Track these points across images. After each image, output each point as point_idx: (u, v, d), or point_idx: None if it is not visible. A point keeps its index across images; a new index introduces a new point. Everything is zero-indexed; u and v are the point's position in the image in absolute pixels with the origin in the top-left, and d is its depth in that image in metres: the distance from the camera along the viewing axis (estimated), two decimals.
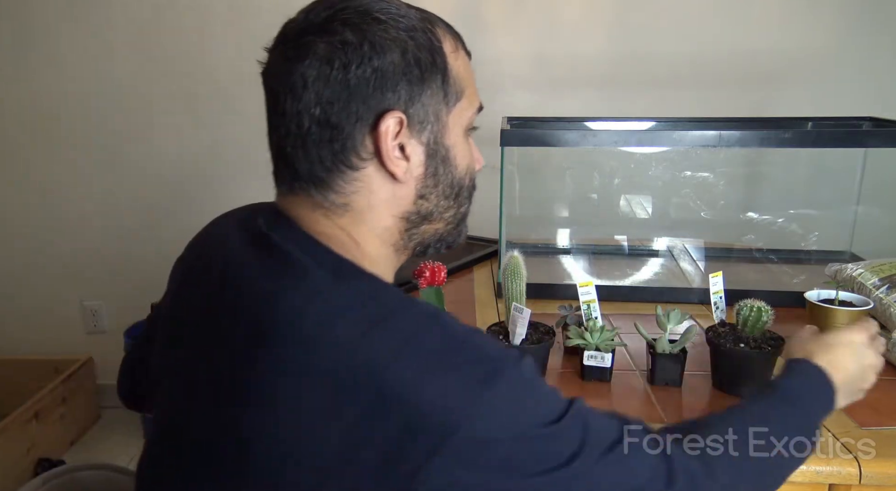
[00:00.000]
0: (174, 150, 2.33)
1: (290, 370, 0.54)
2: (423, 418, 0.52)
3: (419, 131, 0.64)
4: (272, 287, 0.58)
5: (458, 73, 0.66)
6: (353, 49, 0.59)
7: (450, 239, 0.73)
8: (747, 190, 1.92)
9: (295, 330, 0.55)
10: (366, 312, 0.56)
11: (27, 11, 2.21)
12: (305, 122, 0.61)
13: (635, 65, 2.18)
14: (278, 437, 0.54)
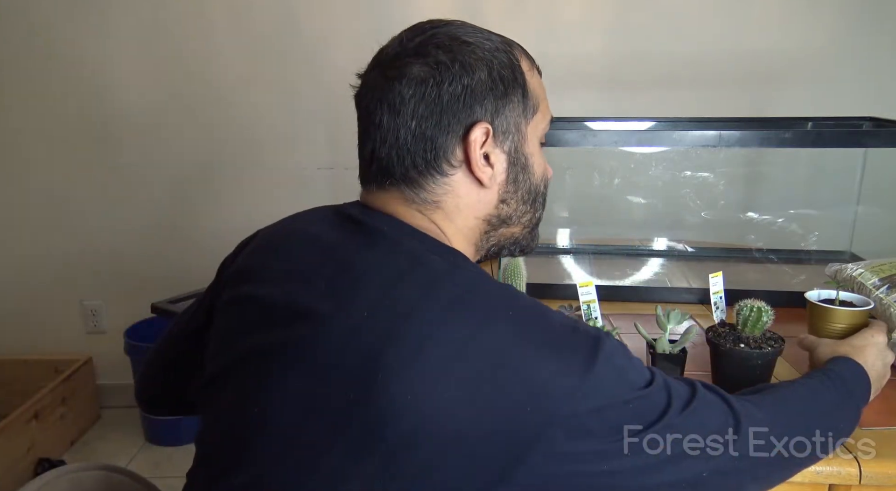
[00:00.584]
0: (174, 151, 2.33)
1: (419, 355, 0.59)
2: (539, 396, 0.58)
3: (502, 141, 0.72)
4: (389, 275, 0.64)
5: (534, 89, 0.74)
6: (446, 69, 0.68)
7: (524, 243, 0.80)
8: (747, 190, 1.92)
9: (421, 316, 0.60)
10: (481, 300, 0.63)
11: (28, 11, 2.21)
12: (402, 134, 0.69)
13: (635, 65, 2.18)
14: (416, 409, 0.58)
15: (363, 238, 0.69)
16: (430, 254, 0.66)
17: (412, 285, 0.63)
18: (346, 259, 0.67)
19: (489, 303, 0.63)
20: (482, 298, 0.63)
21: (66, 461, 2.21)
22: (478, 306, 0.62)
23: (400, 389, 0.58)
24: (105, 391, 2.53)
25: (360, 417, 0.59)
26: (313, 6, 2.11)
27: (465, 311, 0.61)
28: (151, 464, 2.22)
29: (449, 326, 0.60)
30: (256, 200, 2.33)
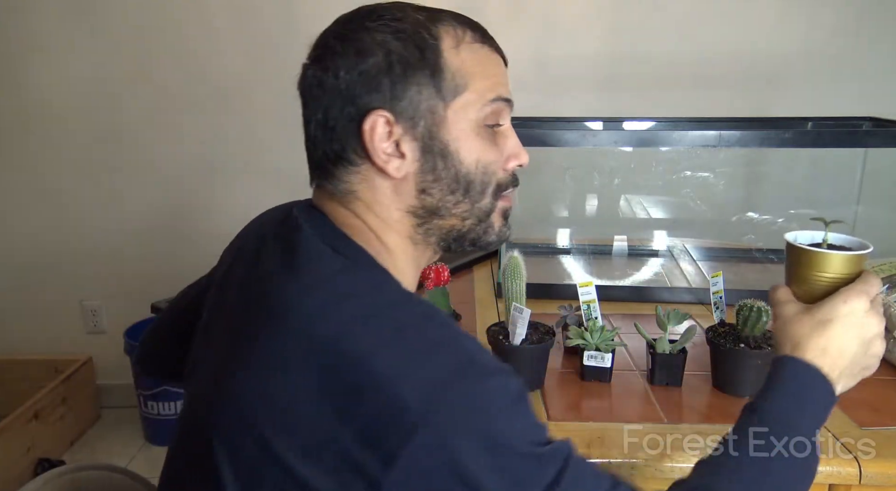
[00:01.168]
0: (175, 151, 2.33)
1: (286, 351, 0.57)
2: (399, 409, 0.53)
3: (412, 127, 0.65)
4: (284, 270, 0.63)
5: (460, 67, 0.66)
6: (341, 57, 0.65)
7: (472, 236, 0.72)
8: (747, 190, 1.92)
9: (295, 313, 0.59)
10: (365, 301, 0.60)
11: (28, 12, 2.21)
12: (312, 126, 0.67)
13: (635, 65, 2.18)
14: (269, 414, 0.56)
15: (286, 247, 0.67)
16: (318, 257, 0.64)
17: (296, 283, 0.62)
18: (263, 266, 0.68)
19: (368, 306, 0.59)
20: (364, 300, 0.60)
21: (66, 461, 2.21)
22: (353, 307, 0.59)
23: (254, 386, 0.58)
24: (105, 391, 2.53)
25: (219, 417, 0.61)
26: (313, 6, 2.11)
27: (339, 311, 0.59)
28: (151, 464, 2.22)
29: (318, 326, 0.58)
30: (256, 201, 2.31)
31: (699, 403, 0.97)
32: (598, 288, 1.08)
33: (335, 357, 0.55)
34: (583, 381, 1.03)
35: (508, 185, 0.72)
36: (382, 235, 0.68)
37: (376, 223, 0.68)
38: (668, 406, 0.96)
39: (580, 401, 0.98)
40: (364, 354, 0.55)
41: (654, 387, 1.01)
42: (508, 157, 0.71)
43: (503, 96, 0.69)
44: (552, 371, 1.05)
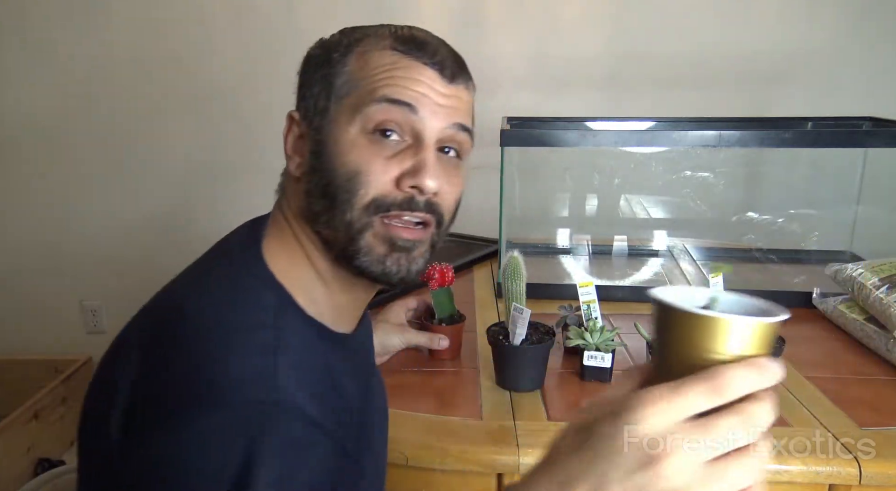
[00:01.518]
0: (175, 151, 2.33)
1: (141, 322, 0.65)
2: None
3: (308, 126, 0.66)
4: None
5: (359, 70, 0.63)
6: (307, 58, 0.68)
7: (348, 254, 0.63)
8: (747, 190, 1.92)
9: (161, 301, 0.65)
10: (214, 299, 0.60)
11: (28, 13, 2.21)
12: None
13: (635, 65, 2.18)
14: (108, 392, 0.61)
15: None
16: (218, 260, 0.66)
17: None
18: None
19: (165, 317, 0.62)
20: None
21: (66, 461, 2.21)
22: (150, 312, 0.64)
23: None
24: None
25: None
26: (313, 6, 2.11)
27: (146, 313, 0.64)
28: None
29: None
30: (256, 201, 2.31)
31: None
32: (598, 288, 1.08)
33: (165, 346, 0.59)
34: (583, 381, 1.03)
35: (397, 206, 0.62)
36: (301, 243, 0.66)
37: (292, 230, 0.67)
38: None
39: (580, 401, 0.98)
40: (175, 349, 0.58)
41: None
42: (403, 173, 0.62)
43: (391, 97, 0.61)
44: (552, 371, 1.05)
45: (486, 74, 2.43)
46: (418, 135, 0.63)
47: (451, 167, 0.66)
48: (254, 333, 0.57)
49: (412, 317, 1.15)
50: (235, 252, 0.66)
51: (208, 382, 0.53)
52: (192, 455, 0.50)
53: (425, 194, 0.62)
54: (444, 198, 0.65)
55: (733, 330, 0.44)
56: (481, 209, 1.40)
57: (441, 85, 0.63)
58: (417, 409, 0.95)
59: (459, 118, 0.65)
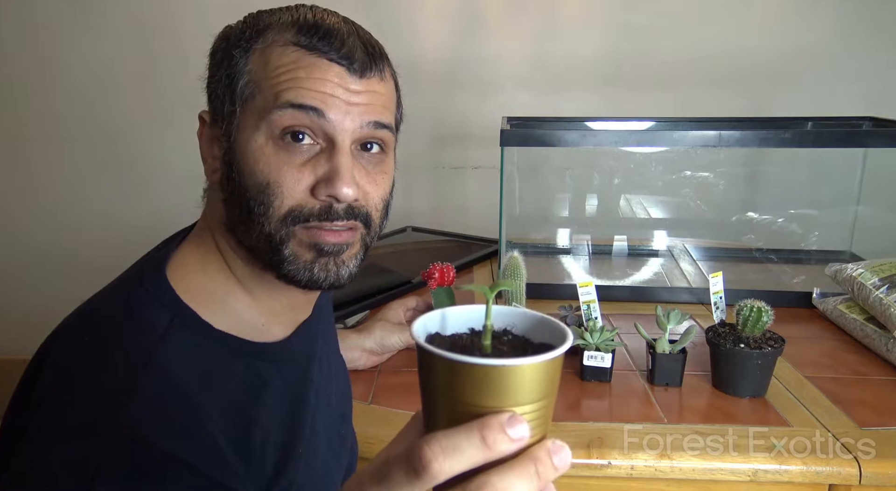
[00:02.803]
0: (176, 151, 2.33)
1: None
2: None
3: (219, 130, 0.63)
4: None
5: (263, 67, 0.59)
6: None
7: (271, 264, 0.60)
8: (747, 190, 1.92)
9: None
10: (76, 345, 0.58)
11: (27, 11, 2.21)
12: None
13: (635, 65, 2.18)
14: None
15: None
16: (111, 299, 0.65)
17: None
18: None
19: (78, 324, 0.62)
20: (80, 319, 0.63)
21: None
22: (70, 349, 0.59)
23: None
24: None
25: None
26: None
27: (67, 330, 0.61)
28: None
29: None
30: None
31: (699, 403, 0.97)
32: (598, 288, 1.08)
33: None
34: (583, 381, 1.03)
35: (315, 217, 0.58)
36: (224, 258, 0.64)
37: (214, 244, 0.65)
38: (668, 406, 0.96)
39: (580, 401, 0.98)
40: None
41: (654, 387, 1.01)
42: (318, 181, 0.58)
43: (295, 102, 0.57)
44: None
45: (486, 74, 2.44)
46: (330, 138, 0.58)
47: (374, 164, 0.62)
48: (118, 361, 0.54)
49: (412, 317, 1.15)
50: (144, 265, 0.64)
51: (60, 408, 0.52)
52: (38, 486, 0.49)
53: (343, 202, 0.58)
54: (369, 199, 0.61)
55: (479, 376, 0.35)
56: (481, 209, 1.41)
57: (351, 81, 0.58)
58: (417, 409, 0.95)
59: (375, 115, 0.60)
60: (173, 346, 0.55)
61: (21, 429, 0.51)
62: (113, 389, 0.51)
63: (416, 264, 1.52)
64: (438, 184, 2.26)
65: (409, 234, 1.86)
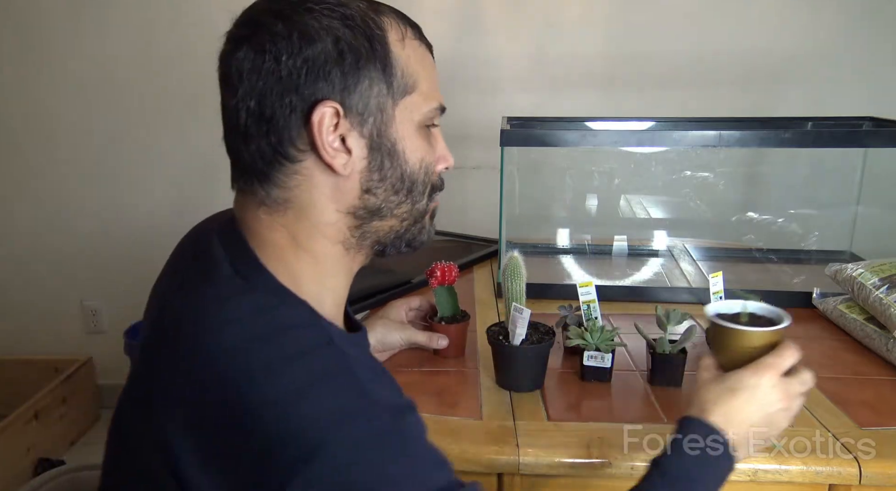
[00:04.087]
0: (175, 151, 2.33)
1: (178, 381, 0.56)
2: (284, 439, 0.51)
3: (360, 123, 0.62)
4: (184, 292, 0.62)
5: (407, 64, 0.64)
6: (283, 39, 0.59)
7: (409, 237, 0.70)
8: (747, 190, 1.92)
9: (185, 336, 0.57)
10: (254, 325, 0.57)
11: (27, 11, 2.21)
12: (242, 115, 0.60)
13: (635, 65, 2.18)
14: (153, 439, 0.56)
15: (197, 263, 0.66)
16: (230, 279, 0.61)
17: (190, 305, 0.60)
18: (174, 297, 0.65)
19: (251, 332, 0.56)
20: (249, 326, 0.57)
21: (66, 461, 2.21)
22: (236, 335, 0.56)
23: (161, 437, 0.56)
24: (105, 391, 2.53)
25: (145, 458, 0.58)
26: None
27: (225, 338, 0.56)
28: None
29: (202, 352, 0.56)
30: None
31: None
32: (598, 288, 1.08)
33: (215, 388, 0.53)
34: (583, 381, 1.03)
35: (439, 188, 0.72)
36: (310, 243, 0.64)
37: (304, 229, 0.63)
38: (668, 406, 0.96)
39: (580, 401, 0.98)
40: (241, 382, 0.53)
41: (654, 387, 1.01)
42: (438, 159, 0.70)
43: (443, 104, 0.69)
44: (552, 371, 1.05)
45: (486, 74, 2.44)
46: (439, 121, 0.71)
47: None
48: (328, 353, 0.58)
49: (415, 317, 1.15)
50: (248, 310, 0.59)
51: (361, 394, 0.55)
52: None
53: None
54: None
55: (762, 335, 0.76)
56: (481, 209, 1.41)
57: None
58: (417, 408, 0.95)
59: None
60: (340, 348, 0.59)
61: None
62: (344, 368, 0.57)
63: (417, 264, 1.52)
64: None
65: None
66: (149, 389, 0.59)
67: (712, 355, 0.78)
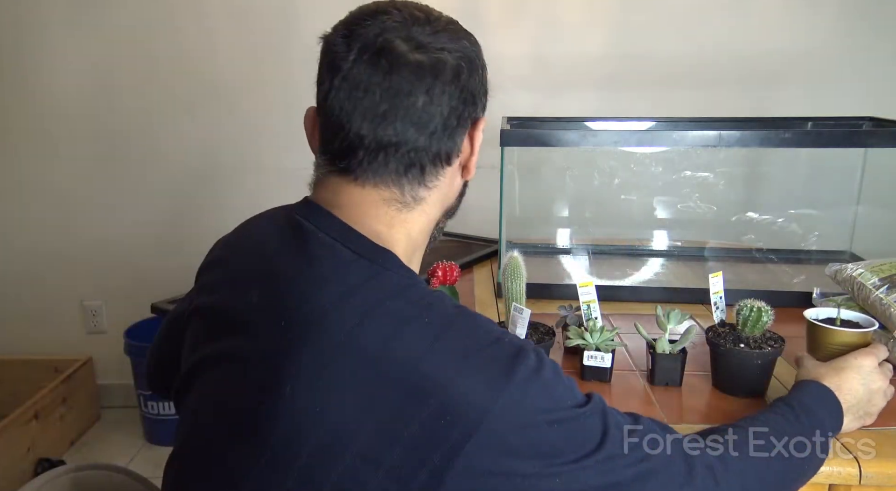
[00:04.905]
0: (174, 151, 2.33)
1: (330, 364, 0.58)
2: (456, 407, 0.55)
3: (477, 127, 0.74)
4: (310, 282, 0.63)
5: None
6: (471, 60, 0.70)
7: (437, 233, 0.79)
8: (747, 190, 1.92)
9: (332, 324, 0.59)
10: (399, 306, 0.60)
11: (27, 12, 2.21)
12: (435, 122, 0.67)
13: (635, 65, 2.18)
14: (322, 425, 0.57)
15: (304, 255, 0.66)
16: (356, 263, 0.64)
17: (329, 292, 0.61)
18: (281, 272, 0.66)
19: (406, 308, 0.60)
20: (400, 303, 0.61)
21: (66, 461, 2.21)
22: (392, 312, 0.59)
23: (307, 401, 0.57)
24: (105, 391, 2.53)
25: (272, 431, 0.58)
26: (313, 6, 2.11)
27: (380, 317, 0.59)
28: (151, 464, 2.22)
29: (362, 334, 0.58)
30: (257, 200, 2.31)
31: (699, 403, 0.97)
32: (598, 288, 1.08)
33: (385, 365, 0.57)
34: (583, 381, 1.03)
35: None
36: (417, 236, 0.71)
37: (420, 224, 0.71)
38: (668, 406, 0.96)
39: None
40: (413, 358, 0.57)
41: (654, 387, 1.01)
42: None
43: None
44: None
45: None
46: None
47: None
48: (465, 317, 0.63)
49: None
50: (392, 289, 0.62)
51: (507, 350, 0.60)
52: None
53: None
54: None
55: (855, 335, 0.92)
56: (481, 209, 1.40)
57: None
58: None
59: None
60: (469, 311, 0.65)
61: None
62: (483, 327, 0.63)
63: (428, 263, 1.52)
64: None
65: None
66: (291, 378, 0.58)
67: (809, 353, 0.94)
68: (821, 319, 0.96)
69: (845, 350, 0.90)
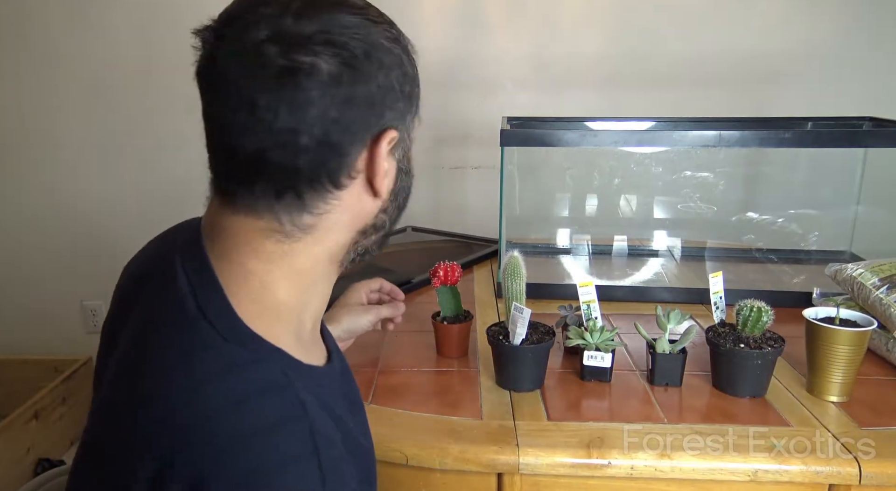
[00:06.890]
0: (174, 151, 2.33)
1: (142, 433, 0.53)
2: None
3: (400, 147, 0.61)
4: (149, 340, 0.59)
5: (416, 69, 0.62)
6: (360, 63, 0.55)
7: (375, 248, 0.66)
8: (747, 190, 1.92)
9: (151, 399, 0.54)
10: (225, 388, 0.53)
11: (28, 14, 2.21)
12: (303, 139, 0.54)
13: (635, 65, 2.18)
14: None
15: (163, 310, 0.61)
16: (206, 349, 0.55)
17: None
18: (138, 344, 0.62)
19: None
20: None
21: (66, 461, 2.21)
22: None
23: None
24: None
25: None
26: None
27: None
28: None
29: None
30: None
31: (699, 403, 0.97)
32: (598, 288, 1.08)
33: (186, 451, 0.50)
34: (583, 381, 1.03)
35: None
36: (312, 267, 0.60)
37: (313, 254, 0.60)
38: (668, 406, 0.96)
39: (580, 401, 0.98)
40: (207, 453, 0.50)
41: (654, 387, 1.01)
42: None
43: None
44: (552, 371, 1.05)
45: (486, 74, 2.44)
46: None
47: None
48: (286, 438, 0.52)
49: (377, 299, 1.14)
50: (211, 326, 0.56)
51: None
52: None
53: None
54: None
55: (854, 335, 0.93)
56: (481, 209, 1.41)
57: None
58: (417, 408, 0.95)
59: None
60: (306, 399, 0.55)
61: None
62: (306, 471, 0.52)
63: (417, 264, 1.52)
64: (438, 184, 2.26)
65: (410, 234, 1.86)
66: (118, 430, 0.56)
67: (807, 351, 0.97)
68: (820, 319, 0.97)
69: (845, 350, 0.92)
